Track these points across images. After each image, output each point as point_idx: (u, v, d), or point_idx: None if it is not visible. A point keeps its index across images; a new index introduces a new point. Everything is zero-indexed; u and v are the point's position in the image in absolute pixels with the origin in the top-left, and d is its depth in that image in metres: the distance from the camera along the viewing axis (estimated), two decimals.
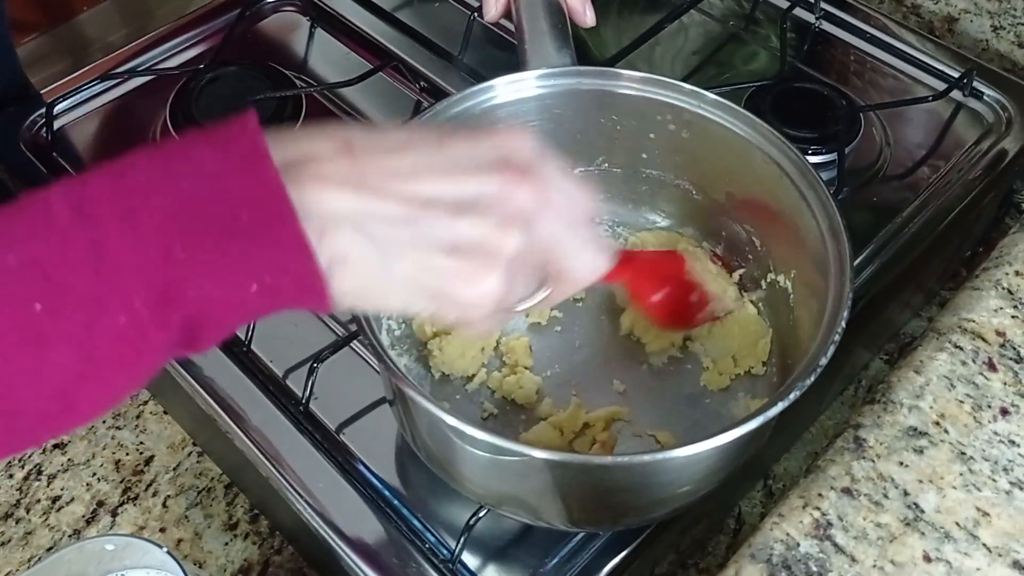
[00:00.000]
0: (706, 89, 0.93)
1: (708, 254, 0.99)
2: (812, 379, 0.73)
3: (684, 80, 0.95)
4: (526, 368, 0.97)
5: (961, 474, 0.86)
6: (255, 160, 0.58)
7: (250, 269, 0.57)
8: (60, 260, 0.54)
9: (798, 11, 1.34)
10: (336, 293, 0.61)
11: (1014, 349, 0.94)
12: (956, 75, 1.24)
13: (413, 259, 0.62)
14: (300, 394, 0.95)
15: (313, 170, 0.59)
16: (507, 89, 0.93)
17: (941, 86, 1.24)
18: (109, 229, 0.55)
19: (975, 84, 1.23)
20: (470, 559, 0.87)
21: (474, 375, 0.96)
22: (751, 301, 0.98)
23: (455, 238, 0.62)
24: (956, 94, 1.23)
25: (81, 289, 0.54)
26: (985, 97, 1.23)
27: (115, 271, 0.55)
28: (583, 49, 1.28)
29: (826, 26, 1.34)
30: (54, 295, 0.54)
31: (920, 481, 0.85)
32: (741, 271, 0.99)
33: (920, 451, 0.87)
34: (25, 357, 0.55)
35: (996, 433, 0.88)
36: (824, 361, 0.74)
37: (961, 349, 0.94)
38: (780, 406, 0.72)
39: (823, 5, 1.34)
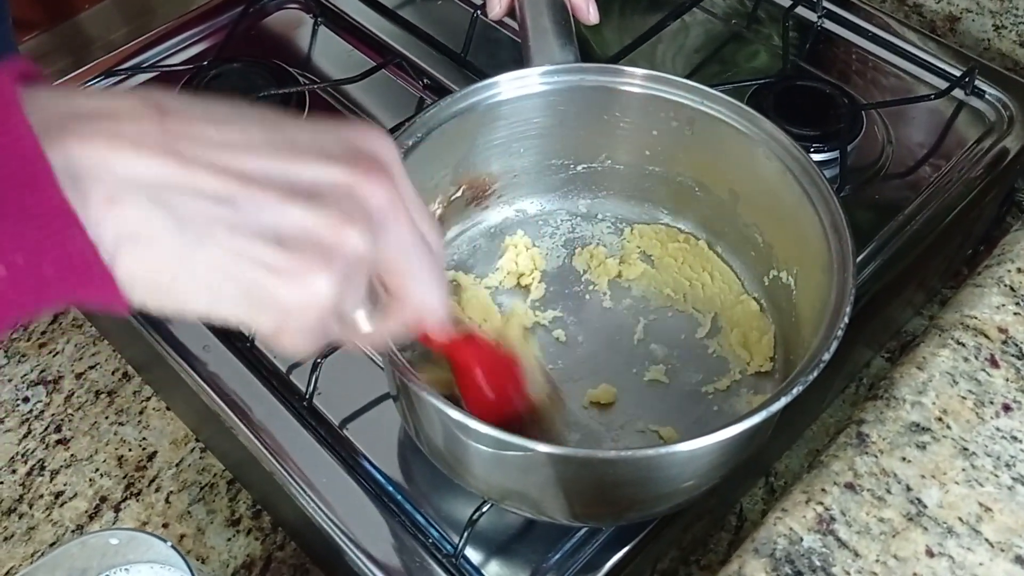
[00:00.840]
0: (709, 86, 0.94)
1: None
2: (815, 375, 0.73)
3: (686, 78, 0.95)
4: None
5: (964, 469, 0.86)
6: (2, 108, 0.48)
7: None
8: None
9: (800, 10, 1.34)
10: (123, 279, 0.51)
11: (1016, 346, 0.94)
12: (958, 74, 1.24)
13: (225, 244, 0.51)
14: (304, 389, 0.95)
15: (106, 126, 0.49)
16: (511, 86, 0.93)
17: (943, 85, 1.24)
18: None
19: (977, 83, 1.23)
20: (473, 554, 0.87)
21: None
22: (754, 298, 0.99)
23: (282, 225, 0.52)
24: (958, 93, 1.24)
25: None
26: (987, 96, 1.23)
27: None
28: (586, 47, 1.28)
29: (828, 25, 1.34)
30: None
31: (923, 476, 0.85)
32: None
33: (923, 447, 0.87)
34: None
35: (998, 429, 0.88)
36: (827, 357, 0.74)
37: (963, 345, 0.94)
38: (783, 401, 0.72)
39: (825, 4, 1.34)
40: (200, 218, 0.51)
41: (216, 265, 0.52)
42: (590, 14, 1.04)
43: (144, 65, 1.30)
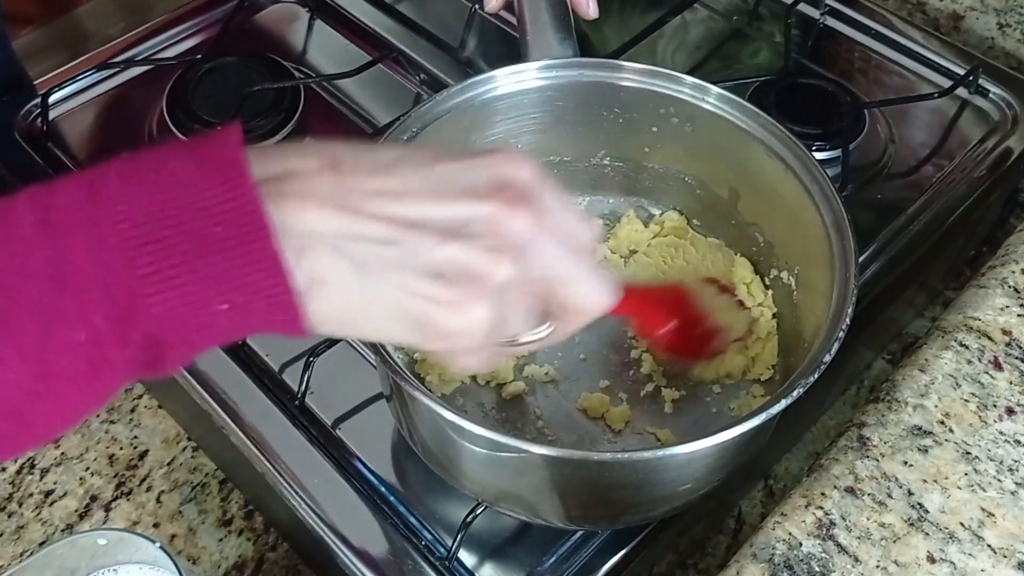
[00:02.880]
0: (710, 83, 0.93)
1: (716, 288, 0.97)
2: (815, 377, 0.72)
3: (688, 75, 0.94)
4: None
5: (966, 474, 0.85)
6: (232, 172, 0.55)
7: (220, 287, 0.55)
8: (16, 270, 0.52)
9: (803, 6, 1.33)
10: (313, 317, 0.58)
11: (1020, 348, 0.93)
12: (961, 72, 1.23)
13: (395, 283, 0.59)
14: (296, 389, 0.94)
15: (295, 186, 0.57)
16: (508, 80, 0.92)
17: (946, 83, 1.23)
18: (73, 239, 0.52)
19: (981, 82, 1.22)
20: (467, 557, 0.86)
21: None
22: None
23: (441, 263, 0.59)
24: (961, 91, 1.23)
25: (36, 301, 0.52)
26: (991, 95, 1.22)
27: (75, 283, 0.52)
28: (586, 43, 1.28)
29: (831, 22, 1.33)
30: (6, 307, 0.52)
31: (924, 481, 0.85)
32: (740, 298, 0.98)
33: (925, 450, 0.86)
34: None
35: (1002, 433, 0.87)
36: (828, 358, 0.73)
37: (967, 348, 0.93)
38: (782, 404, 0.71)
39: (828, 1, 1.33)
40: (372, 261, 0.58)
41: (390, 301, 0.59)
42: (589, 9, 1.03)
43: (138, 58, 1.29)
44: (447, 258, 0.59)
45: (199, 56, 1.27)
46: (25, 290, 0.52)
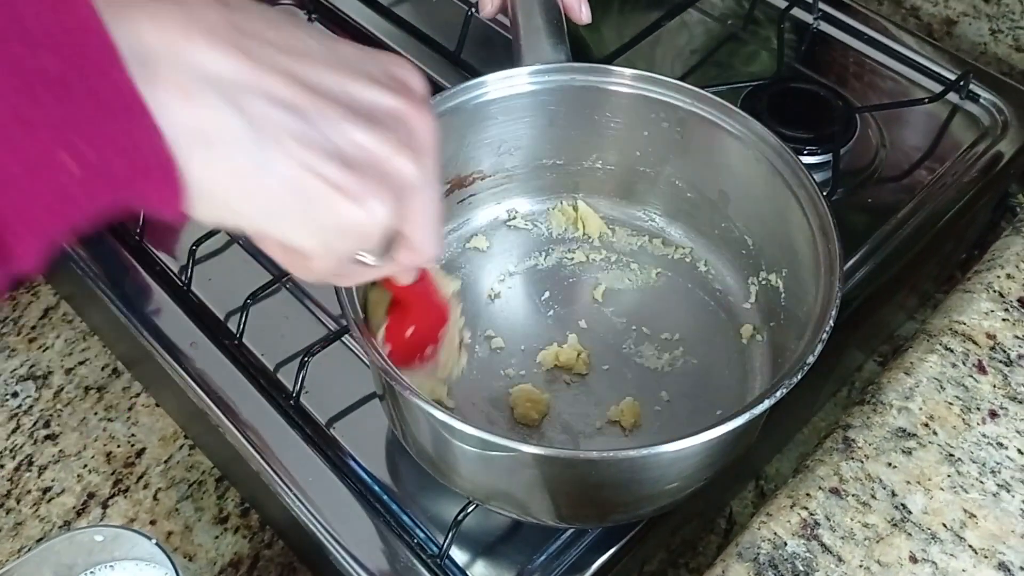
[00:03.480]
0: (701, 87, 0.93)
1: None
2: (798, 377, 0.73)
3: (682, 79, 0.95)
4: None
5: (949, 476, 0.86)
6: None
7: (63, 139, 0.43)
8: None
9: (796, 11, 1.34)
10: (193, 186, 0.48)
11: (1004, 352, 0.94)
12: (953, 78, 1.24)
13: (297, 157, 0.50)
14: (291, 388, 0.95)
15: (177, 9, 0.46)
16: (499, 85, 0.93)
17: (938, 88, 1.23)
18: None
19: (971, 87, 1.23)
20: (458, 555, 0.87)
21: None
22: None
23: (349, 145, 0.52)
24: (952, 97, 1.23)
25: None
26: (981, 100, 1.23)
27: None
28: (581, 47, 1.28)
29: (824, 27, 1.33)
30: None
31: (908, 482, 0.85)
32: None
33: (908, 452, 0.87)
34: None
35: (984, 435, 0.88)
36: (811, 360, 0.74)
37: (951, 351, 0.94)
38: (767, 403, 0.72)
39: (821, 6, 1.33)
40: (272, 126, 0.49)
41: (286, 177, 0.50)
42: (582, 13, 1.03)
43: None
44: (357, 141, 0.52)
45: None
46: None
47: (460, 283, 0.96)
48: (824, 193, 0.85)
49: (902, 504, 0.84)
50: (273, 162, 0.50)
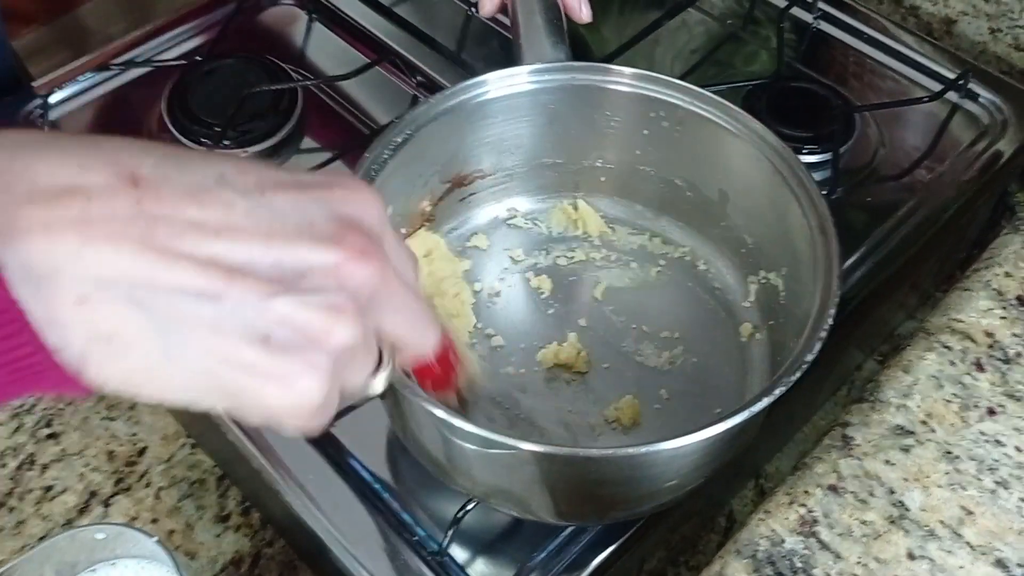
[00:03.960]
0: (700, 86, 0.94)
1: None
2: (797, 376, 0.73)
3: (682, 78, 0.95)
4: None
5: (947, 473, 0.86)
6: None
7: None
8: None
9: (796, 11, 1.34)
10: (95, 379, 0.47)
11: (1002, 350, 0.94)
12: (952, 77, 1.24)
13: (207, 347, 0.48)
14: None
15: (75, 211, 0.45)
16: (499, 84, 0.93)
17: (937, 87, 1.23)
18: None
19: (971, 86, 1.23)
20: (458, 552, 0.87)
21: None
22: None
23: (268, 323, 0.48)
24: (952, 96, 1.23)
25: None
26: (981, 99, 1.23)
27: None
28: (582, 47, 1.28)
29: (824, 26, 1.34)
30: None
31: (906, 479, 0.86)
32: None
33: (906, 450, 0.87)
34: None
35: (982, 433, 0.88)
36: (810, 358, 0.74)
37: (950, 349, 0.94)
38: (765, 401, 0.72)
39: (821, 5, 1.33)
40: (181, 320, 0.47)
41: (197, 369, 0.49)
42: (582, 12, 1.03)
43: (138, 60, 1.30)
44: (276, 318, 0.49)
45: (199, 58, 1.28)
46: None
47: (470, 263, 0.97)
48: (823, 192, 0.85)
49: (900, 501, 0.84)
50: (181, 357, 0.48)
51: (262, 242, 0.49)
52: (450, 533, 0.85)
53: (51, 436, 1.04)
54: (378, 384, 0.60)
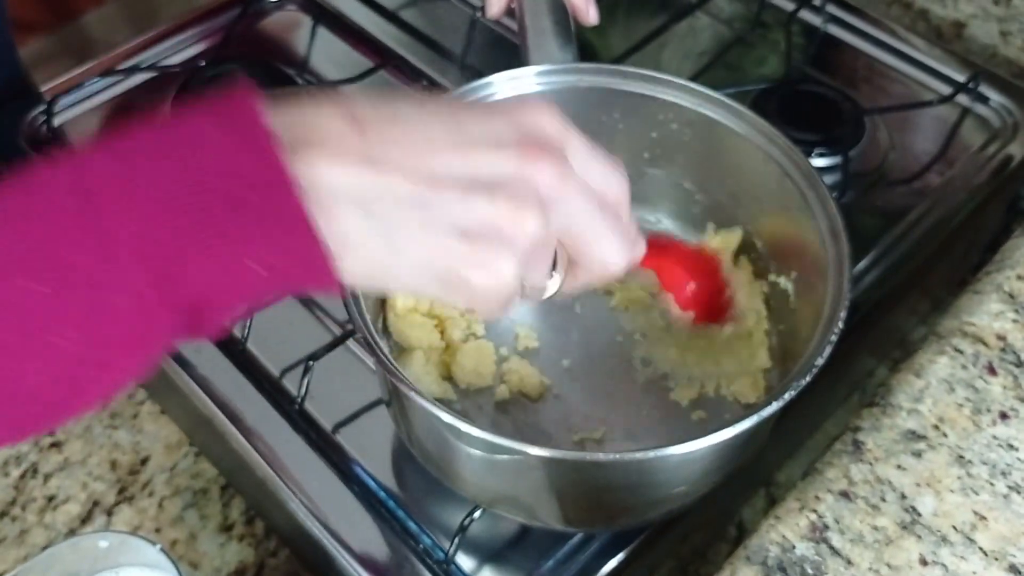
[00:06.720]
0: (708, 89, 0.93)
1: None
2: (807, 379, 0.72)
3: (686, 81, 0.94)
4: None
5: (959, 478, 0.85)
6: (253, 135, 0.55)
7: (255, 252, 0.55)
8: (60, 240, 0.52)
9: (805, 14, 1.33)
10: (344, 274, 0.58)
11: (1014, 353, 0.93)
12: (963, 80, 1.23)
13: (422, 242, 0.59)
14: (295, 393, 0.95)
15: (317, 145, 0.56)
16: (506, 85, 0.93)
17: (947, 91, 1.23)
18: (109, 206, 0.53)
19: (981, 89, 1.23)
20: (465, 561, 0.87)
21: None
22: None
23: (468, 220, 0.59)
24: (962, 99, 1.23)
25: (82, 270, 0.53)
26: (991, 102, 1.22)
27: (115, 251, 0.53)
28: (589, 49, 1.28)
29: (833, 29, 1.33)
30: (55, 276, 0.53)
31: (918, 484, 0.85)
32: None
33: (918, 454, 0.87)
34: (27, 341, 0.53)
35: (995, 437, 0.87)
36: (820, 362, 0.73)
37: (961, 353, 0.93)
38: (774, 406, 0.71)
39: (829, 8, 1.33)
40: (401, 221, 0.58)
41: (417, 259, 0.60)
42: (590, 15, 1.03)
43: (143, 65, 1.30)
44: (474, 215, 0.59)
45: (203, 63, 1.28)
46: (70, 258, 0.52)
47: (741, 231, 0.98)
48: (833, 195, 0.85)
49: (912, 506, 0.83)
50: (404, 250, 0.59)
51: (456, 153, 0.59)
52: (456, 541, 0.84)
53: (54, 445, 1.03)
54: (552, 286, 0.69)
